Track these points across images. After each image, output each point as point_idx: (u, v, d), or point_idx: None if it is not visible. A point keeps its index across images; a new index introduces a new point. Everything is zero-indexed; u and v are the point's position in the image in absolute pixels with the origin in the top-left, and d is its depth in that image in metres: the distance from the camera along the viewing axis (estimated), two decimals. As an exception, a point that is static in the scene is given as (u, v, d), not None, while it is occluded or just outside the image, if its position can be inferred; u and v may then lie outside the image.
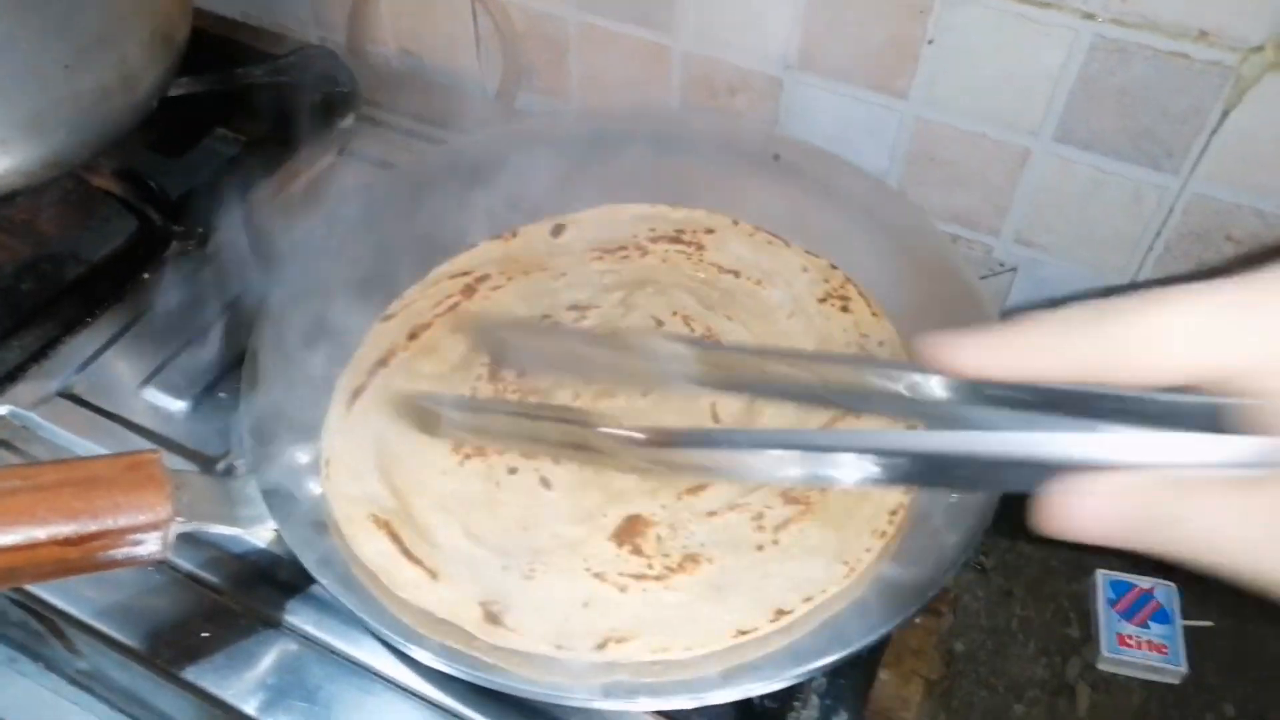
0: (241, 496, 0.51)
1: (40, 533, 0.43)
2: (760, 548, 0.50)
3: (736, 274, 0.62)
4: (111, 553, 0.45)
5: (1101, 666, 0.70)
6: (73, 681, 0.64)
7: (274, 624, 0.54)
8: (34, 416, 0.63)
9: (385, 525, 0.53)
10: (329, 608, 0.54)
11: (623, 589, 0.50)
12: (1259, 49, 0.61)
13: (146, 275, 0.70)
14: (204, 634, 0.53)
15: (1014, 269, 0.75)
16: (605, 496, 0.54)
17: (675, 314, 0.60)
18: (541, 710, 0.50)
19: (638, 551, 0.51)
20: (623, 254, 0.66)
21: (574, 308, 0.63)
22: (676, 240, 0.66)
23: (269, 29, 0.96)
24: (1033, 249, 0.77)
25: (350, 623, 0.53)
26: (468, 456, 0.56)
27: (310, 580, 0.54)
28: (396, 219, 0.66)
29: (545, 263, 0.67)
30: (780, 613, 0.48)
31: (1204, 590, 0.73)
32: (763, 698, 0.47)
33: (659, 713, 0.50)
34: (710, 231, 0.65)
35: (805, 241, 0.69)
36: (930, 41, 0.72)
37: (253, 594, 0.55)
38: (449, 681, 0.49)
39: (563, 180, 0.70)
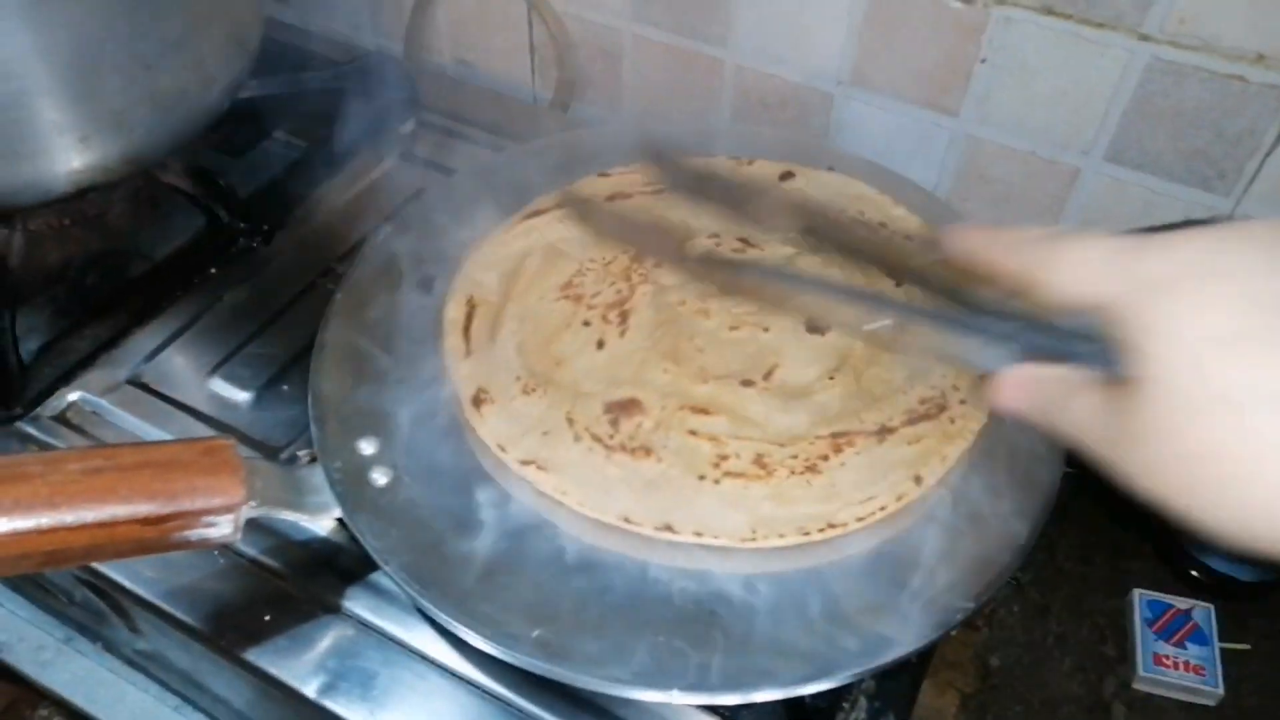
0: (309, 485, 0.53)
1: (121, 511, 0.45)
2: (701, 477, 0.52)
3: (899, 284, 0.63)
4: (186, 533, 0.47)
5: (1137, 686, 0.70)
6: (130, 662, 0.66)
7: (333, 609, 0.55)
8: (104, 402, 0.65)
9: (470, 304, 0.62)
10: (387, 595, 0.55)
11: (576, 438, 0.54)
12: (1316, 73, 0.62)
13: (214, 270, 0.73)
14: (266, 617, 0.54)
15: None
16: (634, 376, 0.57)
17: None
18: (592, 701, 0.51)
19: (614, 424, 0.55)
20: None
21: (743, 240, 0.65)
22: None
23: (330, 37, 0.99)
24: (1081, 268, 0.78)
25: (408, 610, 0.55)
26: (566, 296, 0.62)
27: (370, 568, 0.56)
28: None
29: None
30: (628, 520, 0.51)
31: (1240, 613, 0.73)
32: (813, 697, 0.48)
33: (709, 708, 0.51)
34: (909, 238, 0.65)
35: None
36: (984, 60, 0.73)
37: (313, 580, 0.56)
38: (503, 669, 0.50)
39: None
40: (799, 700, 0.49)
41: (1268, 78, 0.63)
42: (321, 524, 0.51)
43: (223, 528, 0.48)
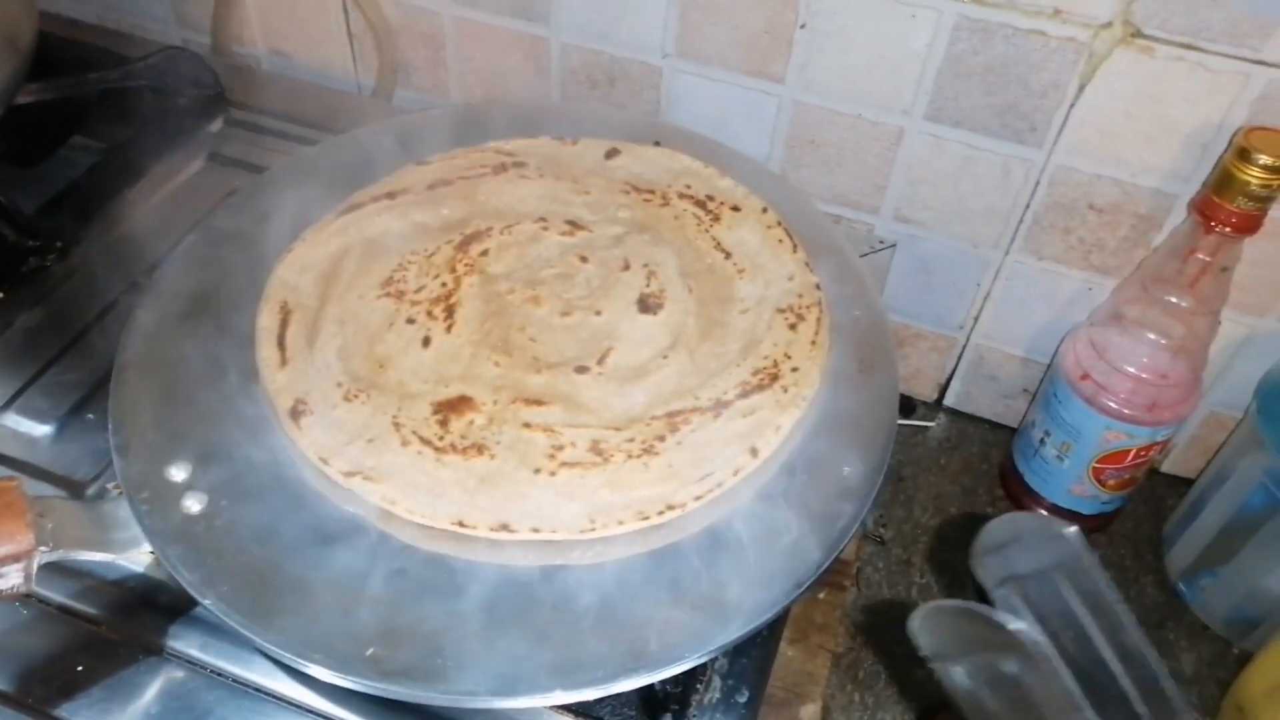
0: (113, 519, 0.49)
1: (-115, 571, 0.40)
2: (537, 470, 0.51)
3: (728, 255, 0.62)
4: (-32, 588, 0.43)
5: (995, 622, 0.72)
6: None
7: (156, 651, 0.51)
8: (-124, 449, 0.59)
9: (284, 310, 0.58)
10: (215, 630, 0.52)
11: (404, 443, 0.52)
12: (1108, 25, 0.64)
13: (1, 294, 0.66)
14: (79, 668, 0.50)
15: (893, 245, 0.76)
16: (463, 373, 0.55)
17: (645, 266, 0.61)
18: (440, 714, 0.49)
19: (443, 424, 0.53)
20: (647, 197, 0.66)
21: (570, 223, 0.64)
22: (701, 205, 0.65)
23: (128, 32, 0.92)
24: (910, 225, 0.79)
25: (239, 644, 0.51)
26: (388, 294, 0.59)
27: (193, 603, 0.52)
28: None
29: (581, 177, 0.67)
30: (462, 524, 0.49)
31: (1093, 542, 0.77)
32: (664, 683, 0.47)
33: (563, 707, 0.49)
34: (736, 209, 0.64)
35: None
36: (803, 26, 0.73)
37: (132, 621, 0.52)
38: (344, 695, 0.48)
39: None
40: (649, 689, 0.48)
41: (1065, 31, 0.65)
42: (134, 560, 0.47)
43: (11, 578, 0.44)
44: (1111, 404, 0.70)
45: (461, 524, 0.48)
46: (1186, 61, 0.63)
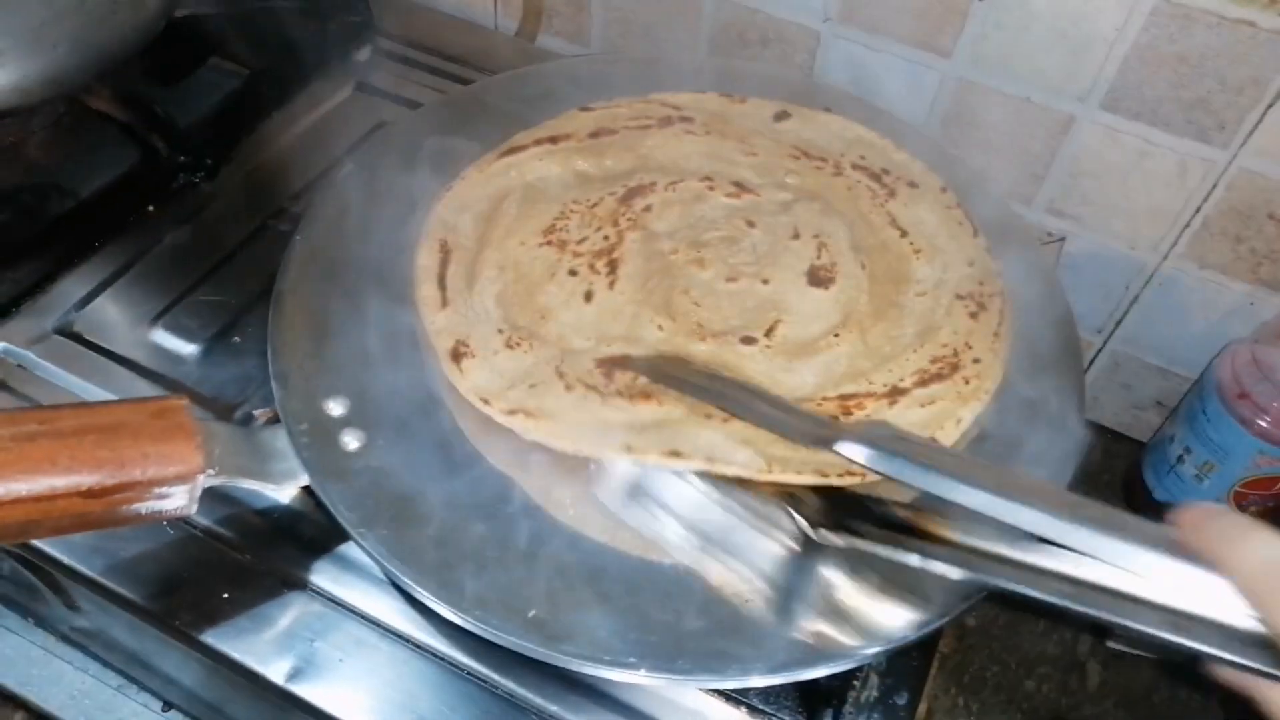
0: (271, 449, 0.48)
1: (60, 482, 0.39)
2: (709, 416, 0.49)
3: (904, 233, 0.59)
4: (135, 507, 0.42)
5: (1112, 644, 0.70)
6: (65, 639, 0.60)
7: (297, 584, 0.51)
8: (30, 355, 0.58)
9: (444, 250, 0.56)
10: (355, 567, 0.51)
11: (568, 388, 0.50)
12: (1332, 20, 0.59)
13: (151, 208, 0.66)
14: (223, 595, 0.49)
15: (1063, 239, 0.73)
16: (626, 332, 0.53)
17: (816, 237, 0.58)
18: (583, 682, 0.48)
19: (608, 375, 0.51)
20: (819, 165, 0.63)
21: (737, 185, 0.61)
22: (876, 178, 0.63)
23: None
24: (1065, 220, 0.75)
25: (379, 583, 0.51)
26: (549, 243, 0.57)
27: (337, 539, 0.51)
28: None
29: (748, 137, 0.65)
30: (630, 449, 0.47)
31: None
32: (827, 677, 0.45)
33: (717, 691, 0.48)
34: (913, 185, 0.62)
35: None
36: (982, -1, 0.69)
37: (274, 552, 0.51)
38: (483, 646, 0.47)
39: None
40: (812, 681, 0.46)
41: (1278, 24, 0.61)
42: (285, 492, 0.47)
43: (177, 499, 0.43)
44: (1269, 427, 0.66)
45: (630, 449, 0.46)
46: None
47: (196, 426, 0.43)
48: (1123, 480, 0.81)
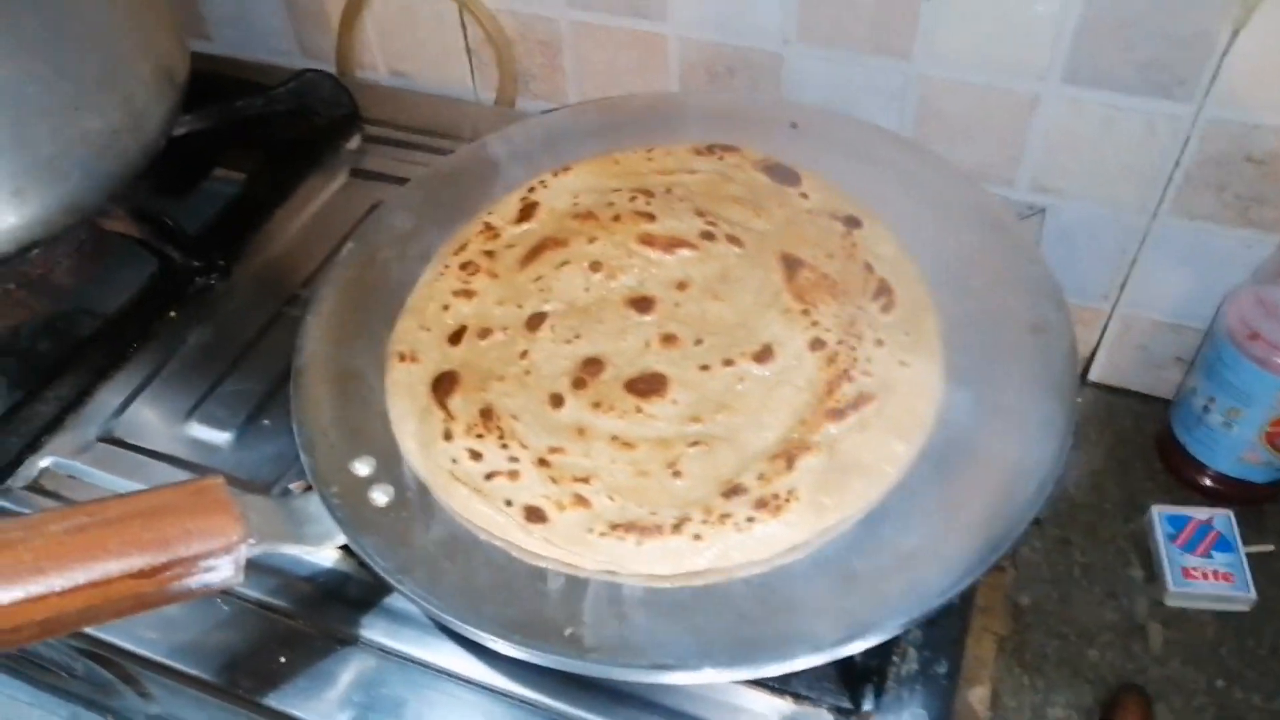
0: (306, 514, 0.50)
1: (114, 567, 0.42)
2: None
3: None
4: (185, 582, 0.44)
5: (1170, 603, 0.69)
6: (142, 730, 0.63)
7: (350, 641, 0.53)
8: (77, 464, 0.62)
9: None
10: (404, 618, 0.53)
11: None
12: (1265, -37, 0.61)
13: (173, 314, 0.70)
14: (281, 659, 0.52)
15: (1042, 210, 0.74)
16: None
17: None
18: (629, 693, 0.50)
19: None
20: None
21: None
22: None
23: (256, 63, 0.96)
24: (1050, 194, 0.77)
25: (427, 629, 0.53)
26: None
27: (381, 593, 0.53)
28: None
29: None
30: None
31: (1258, 515, 0.73)
32: (863, 655, 0.46)
33: (758, 682, 0.49)
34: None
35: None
36: (927, -3, 0.71)
37: (325, 613, 0.54)
38: (532, 673, 0.49)
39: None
40: (849, 661, 0.47)
41: (1214, -26, 0.63)
42: (325, 553, 0.49)
43: (223, 570, 0.45)
44: None
45: None
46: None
47: (234, 500, 0.46)
48: (1155, 441, 0.81)
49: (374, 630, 0.53)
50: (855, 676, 0.48)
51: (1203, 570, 0.70)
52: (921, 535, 0.47)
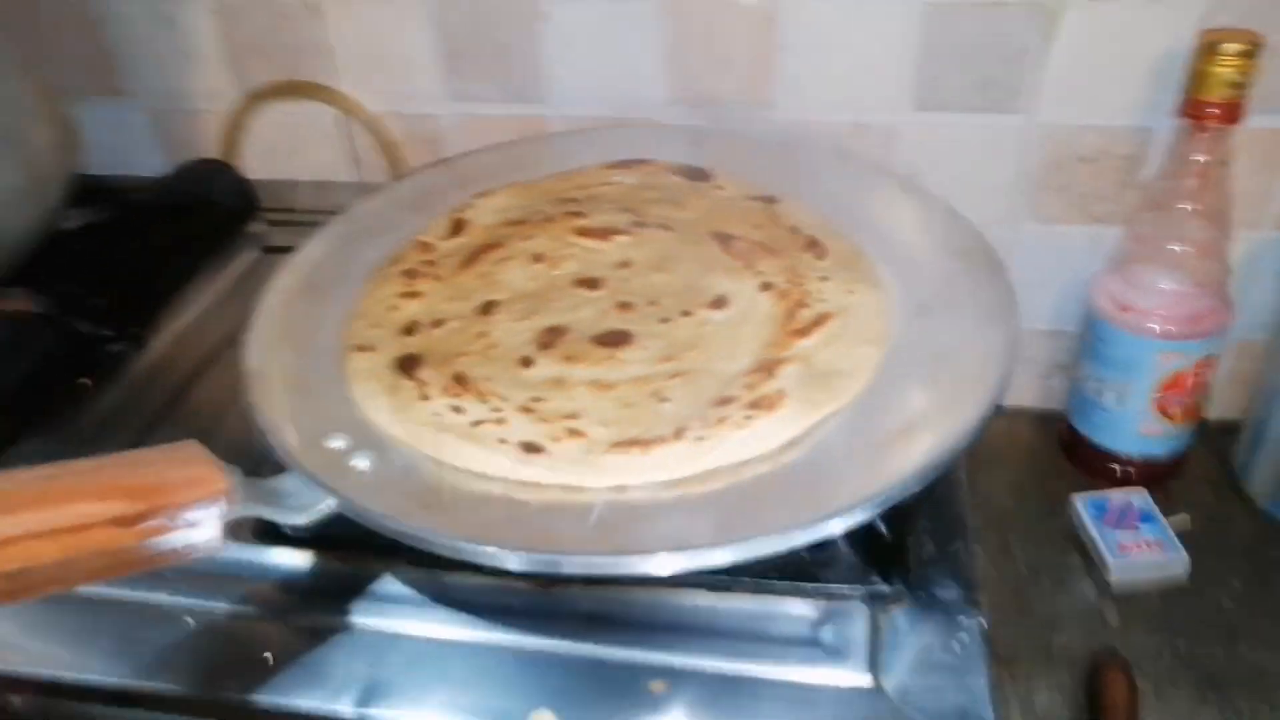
0: (283, 490, 0.46)
1: (92, 510, 0.38)
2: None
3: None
4: (168, 537, 0.40)
5: (1114, 577, 0.71)
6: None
7: (338, 630, 0.49)
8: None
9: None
10: (389, 599, 0.50)
11: None
12: (1055, -20, 0.70)
13: (86, 380, 0.65)
14: (264, 655, 0.46)
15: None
16: None
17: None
18: (662, 622, 0.48)
19: None
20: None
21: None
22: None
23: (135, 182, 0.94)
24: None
25: (416, 604, 0.50)
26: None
27: (363, 581, 0.49)
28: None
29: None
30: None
31: (1165, 491, 0.77)
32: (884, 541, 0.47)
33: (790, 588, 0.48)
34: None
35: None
36: (783, 48, 0.78)
37: (307, 610, 0.50)
38: (529, 617, 0.47)
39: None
40: (870, 552, 0.47)
41: (1024, -2, 0.71)
42: (311, 516, 0.45)
43: (205, 528, 0.41)
44: (1157, 326, 0.71)
45: None
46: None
47: (214, 458, 0.42)
48: (1059, 443, 0.83)
49: (362, 615, 0.49)
50: (880, 567, 0.48)
51: (1135, 542, 0.72)
52: (912, 414, 0.49)
